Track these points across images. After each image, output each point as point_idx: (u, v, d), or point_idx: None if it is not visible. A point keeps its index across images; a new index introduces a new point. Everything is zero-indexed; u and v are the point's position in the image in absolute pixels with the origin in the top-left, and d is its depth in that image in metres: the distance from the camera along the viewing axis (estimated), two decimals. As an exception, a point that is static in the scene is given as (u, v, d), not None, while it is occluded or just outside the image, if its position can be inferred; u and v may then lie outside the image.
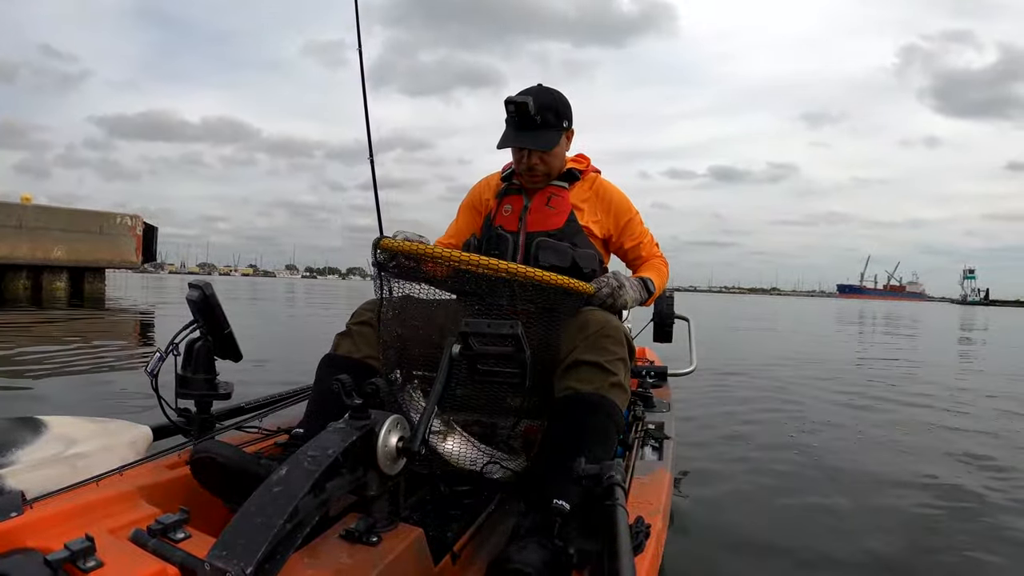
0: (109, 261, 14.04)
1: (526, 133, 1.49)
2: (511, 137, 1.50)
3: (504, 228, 1.60)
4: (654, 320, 2.57)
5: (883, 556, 1.79)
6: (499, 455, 1.23)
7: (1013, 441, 3.32)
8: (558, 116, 1.51)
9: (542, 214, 1.57)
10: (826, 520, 2.05)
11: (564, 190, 1.60)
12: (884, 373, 6.17)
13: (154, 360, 1.25)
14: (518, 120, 1.48)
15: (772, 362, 6.56)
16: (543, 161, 1.53)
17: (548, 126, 1.50)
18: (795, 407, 4.06)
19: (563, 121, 1.53)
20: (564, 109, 1.53)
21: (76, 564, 0.75)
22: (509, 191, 1.64)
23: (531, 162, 1.53)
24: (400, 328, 1.30)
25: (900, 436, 3.35)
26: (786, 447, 2.98)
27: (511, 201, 1.63)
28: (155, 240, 15.17)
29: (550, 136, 1.50)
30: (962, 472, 2.67)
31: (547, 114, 1.48)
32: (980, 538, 1.95)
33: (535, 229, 1.56)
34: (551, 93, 1.51)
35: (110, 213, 13.94)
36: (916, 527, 2.03)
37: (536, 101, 1.45)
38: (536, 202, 1.59)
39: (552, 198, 1.59)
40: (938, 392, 4.93)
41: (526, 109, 1.44)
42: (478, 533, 1.21)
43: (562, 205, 1.57)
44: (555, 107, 1.50)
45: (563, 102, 1.53)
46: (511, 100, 1.45)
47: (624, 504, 0.84)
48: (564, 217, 1.56)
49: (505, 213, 1.62)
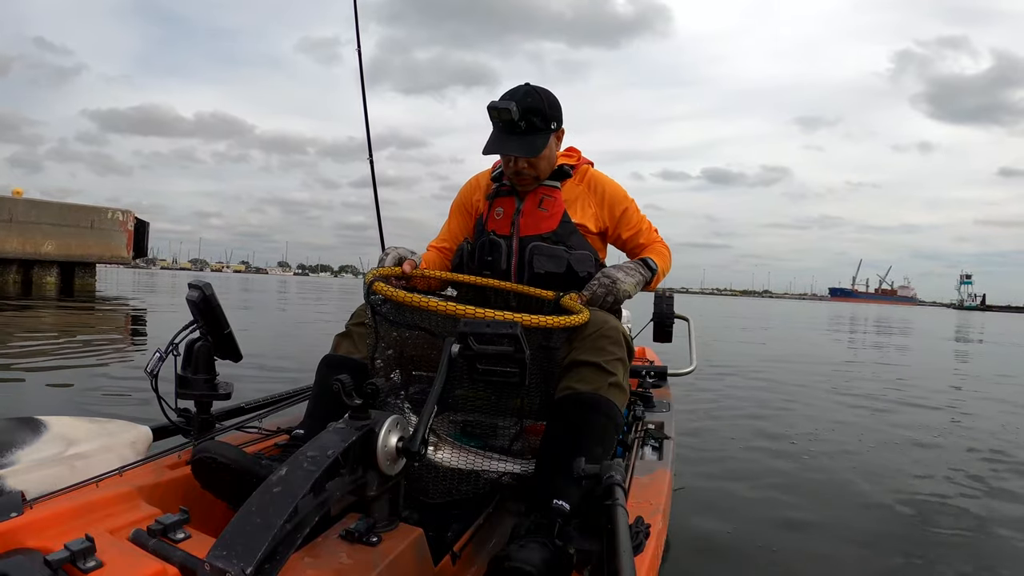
0: (100, 256, 14.00)
1: (511, 139, 1.45)
2: (495, 142, 1.46)
3: (497, 233, 1.57)
4: (654, 320, 2.57)
5: (884, 556, 1.80)
6: (496, 457, 1.23)
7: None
8: (545, 119, 1.46)
9: (535, 217, 1.54)
10: (827, 519, 2.05)
11: (556, 190, 1.56)
12: (887, 375, 6.17)
13: (154, 360, 1.25)
14: (502, 125, 1.44)
15: (771, 363, 6.56)
16: (531, 165, 1.50)
17: (534, 130, 1.45)
18: (797, 408, 4.06)
19: (550, 123, 1.48)
20: (551, 110, 1.48)
21: (76, 564, 0.75)
22: (500, 193, 1.61)
23: (518, 167, 1.50)
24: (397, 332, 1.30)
25: (901, 437, 3.36)
26: (787, 447, 2.98)
27: (502, 204, 1.59)
28: (146, 236, 15.08)
29: (536, 141, 1.46)
30: (966, 473, 2.68)
31: (532, 118, 1.44)
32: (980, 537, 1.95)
33: (528, 233, 1.54)
34: (537, 94, 1.47)
35: (101, 208, 13.87)
36: (916, 526, 2.03)
37: (520, 106, 1.41)
38: (528, 204, 1.56)
39: (544, 199, 1.55)
40: (942, 396, 4.94)
41: (509, 116, 1.40)
42: (478, 533, 1.21)
43: (555, 206, 1.54)
44: (541, 110, 1.45)
45: (550, 103, 1.48)
46: (493, 106, 1.41)
47: (624, 504, 0.84)
48: (557, 219, 1.53)
49: (497, 217, 1.59)
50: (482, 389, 1.18)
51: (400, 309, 1.20)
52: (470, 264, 1.62)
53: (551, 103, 1.48)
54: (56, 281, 12.96)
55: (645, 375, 2.23)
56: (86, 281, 13.83)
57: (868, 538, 1.91)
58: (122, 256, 14.40)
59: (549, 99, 1.48)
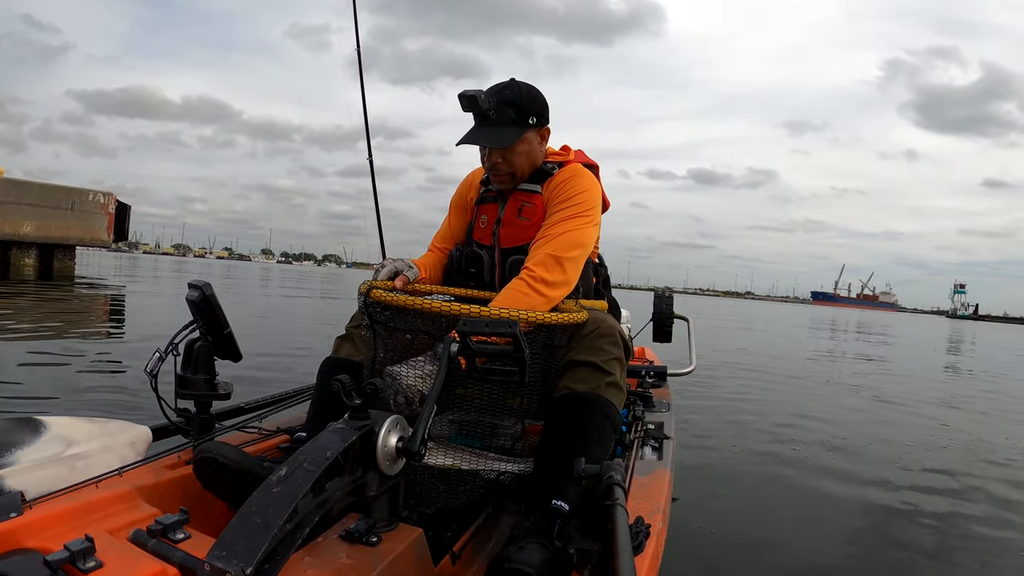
0: (80, 239, 13.55)
1: (482, 129, 1.39)
2: (468, 133, 1.40)
3: (480, 244, 1.54)
4: (654, 320, 2.57)
5: (884, 556, 1.80)
6: (493, 457, 1.22)
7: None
8: (521, 113, 1.40)
9: (515, 227, 1.48)
10: (828, 520, 2.05)
11: (536, 195, 1.48)
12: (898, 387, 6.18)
13: (153, 360, 1.25)
14: (477, 117, 1.38)
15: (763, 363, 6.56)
16: (505, 160, 1.43)
17: (506, 122, 1.39)
18: (798, 408, 4.07)
19: (527, 118, 1.41)
20: (530, 105, 1.41)
21: (76, 564, 0.75)
22: (485, 198, 1.56)
23: (493, 160, 1.44)
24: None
25: (904, 438, 3.36)
26: (787, 447, 2.98)
27: (486, 211, 1.55)
28: (128, 219, 14.65)
29: (506, 133, 1.39)
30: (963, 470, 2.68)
31: (507, 110, 1.38)
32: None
33: (508, 244, 1.48)
34: (516, 88, 1.41)
35: (82, 189, 13.43)
36: (917, 525, 2.03)
37: (495, 98, 1.37)
38: (508, 213, 1.49)
39: (524, 207, 1.48)
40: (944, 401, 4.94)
41: (477, 104, 1.34)
42: (478, 533, 1.21)
43: (535, 214, 1.46)
44: (517, 103, 1.39)
45: (530, 98, 1.42)
46: (464, 94, 1.35)
47: (624, 504, 0.84)
48: (536, 228, 1.45)
49: (482, 225, 1.54)
50: (481, 388, 1.18)
51: (400, 314, 1.19)
52: (457, 274, 1.59)
53: (531, 98, 1.42)
54: (35, 263, 12.56)
55: (645, 375, 2.22)
56: (65, 264, 13.43)
57: (869, 538, 1.91)
58: (102, 239, 13.91)
59: (530, 94, 1.42)
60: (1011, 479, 2.67)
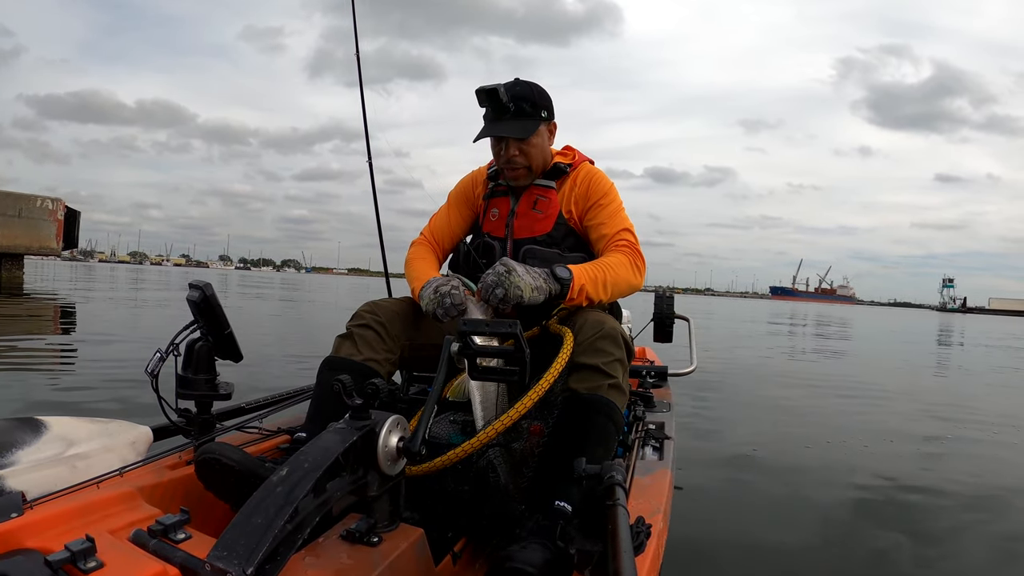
0: (27, 247, 13.12)
1: (500, 122, 1.45)
2: (486, 126, 1.46)
3: (492, 235, 1.55)
4: (654, 320, 2.57)
5: (885, 554, 1.79)
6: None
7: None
8: (534, 106, 1.47)
9: (529, 219, 1.52)
10: (830, 519, 2.05)
11: (551, 190, 1.53)
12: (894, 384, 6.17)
13: (154, 360, 1.25)
14: (491, 110, 1.44)
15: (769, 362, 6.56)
16: (522, 152, 1.48)
17: (523, 115, 1.45)
18: (800, 409, 4.06)
19: (540, 111, 1.48)
20: (541, 100, 1.49)
21: (76, 565, 0.75)
22: (496, 193, 1.59)
23: (510, 154, 1.48)
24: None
25: (904, 438, 3.35)
26: (789, 448, 2.98)
27: (498, 204, 1.58)
28: (78, 225, 14.18)
29: (525, 124, 1.46)
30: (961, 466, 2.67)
31: (521, 103, 1.45)
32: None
33: (522, 236, 1.51)
34: (528, 84, 1.49)
35: (29, 196, 12.99)
36: (915, 525, 2.03)
37: (509, 90, 1.43)
38: (522, 206, 1.53)
39: (539, 200, 1.52)
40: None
41: (497, 96, 1.40)
42: (479, 533, 1.21)
43: (549, 208, 1.51)
44: (530, 97, 1.46)
45: (540, 93, 1.49)
46: (482, 88, 1.41)
47: (625, 504, 0.83)
48: (552, 221, 1.50)
49: (493, 218, 1.57)
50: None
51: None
52: (466, 266, 1.61)
53: (540, 93, 1.50)
54: (-19, 273, 12.07)
55: (645, 375, 2.22)
56: (13, 274, 13.02)
57: (870, 538, 1.91)
58: (51, 247, 13.46)
59: (538, 89, 1.50)
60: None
